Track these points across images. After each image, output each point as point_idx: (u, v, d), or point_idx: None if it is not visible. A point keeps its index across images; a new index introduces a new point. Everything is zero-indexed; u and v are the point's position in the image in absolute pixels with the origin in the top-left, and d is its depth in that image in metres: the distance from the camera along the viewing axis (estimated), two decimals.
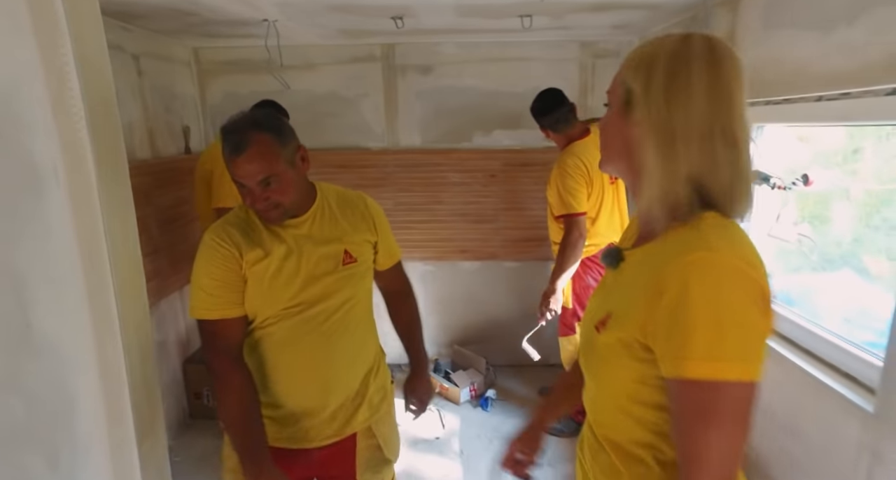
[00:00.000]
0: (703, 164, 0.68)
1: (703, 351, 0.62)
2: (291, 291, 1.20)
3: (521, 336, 3.19)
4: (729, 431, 0.63)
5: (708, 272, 0.63)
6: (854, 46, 1.33)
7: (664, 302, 0.64)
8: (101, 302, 0.89)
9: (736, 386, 0.62)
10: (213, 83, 2.90)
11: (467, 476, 2.29)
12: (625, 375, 0.73)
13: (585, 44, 2.82)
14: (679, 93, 0.68)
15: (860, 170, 1.75)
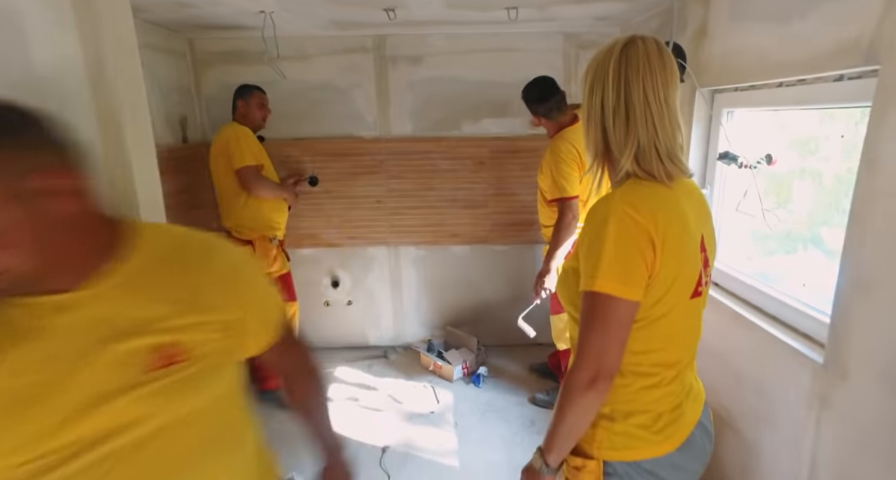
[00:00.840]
0: (610, 139, 0.92)
1: (590, 270, 0.85)
2: (39, 428, 0.64)
3: (512, 316, 3.34)
4: (602, 333, 0.84)
5: (597, 213, 0.88)
6: (806, 37, 1.46)
7: (582, 238, 0.90)
8: None
9: (610, 299, 0.83)
10: (208, 74, 2.97)
11: (462, 445, 2.42)
12: (573, 289, 0.96)
13: (569, 35, 2.94)
14: (596, 90, 0.92)
15: (830, 156, 1.89)
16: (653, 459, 0.93)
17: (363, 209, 3.18)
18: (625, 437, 0.93)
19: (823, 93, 1.49)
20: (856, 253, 1.27)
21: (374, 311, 3.38)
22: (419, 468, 2.27)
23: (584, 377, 0.84)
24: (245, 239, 2.62)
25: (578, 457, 0.95)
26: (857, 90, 1.36)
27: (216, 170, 2.57)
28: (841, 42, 1.32)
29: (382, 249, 3.27)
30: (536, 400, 2.73)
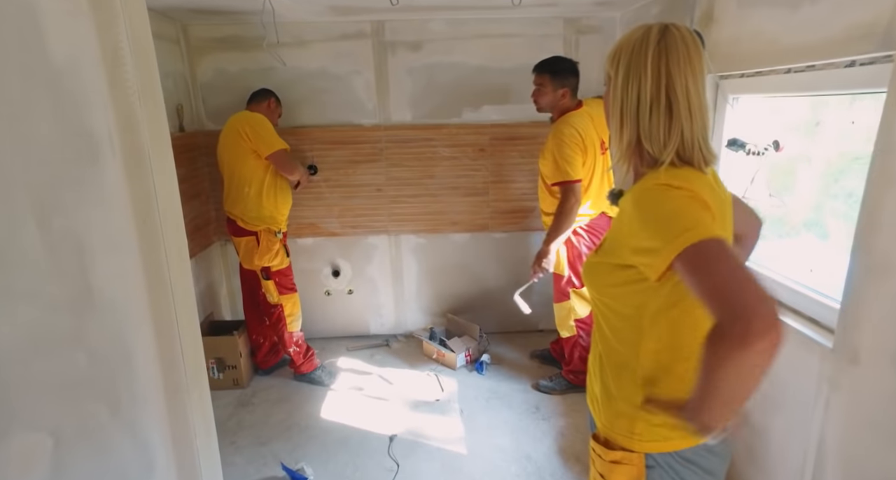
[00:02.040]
0: (643, 131, 0.89)
1: (672, 232, 0.76)
2: None
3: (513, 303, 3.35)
4: (726, 261, 0.73)
5: (645, 193, 0.85)
6: (817, 23, 1.46)
7: (633, 225, 0.84)
8: (155, 263, 0.98)
9: (713, 241, 0.75)
10: (203, 60, 2.90)
11: (469, 433, 2.45)
12: (607, 282, 0.94)
13: (569, 20, 2.91)
14: (631, 80, 0.89)
15: (821, 141, 1.90)
16: (693, 447, 0.92)
17: (363, 197, 3.15)
18: (665, 428, 0.92)
19: (834, 79, 1.49)
20: (868, 238, 1.29)
21: (375, 300, 3.37)
22: (428, 455, 2.30)
23: (737, 330, 0.68)
24: (251, 229, 2.59)
25: (617, 451, 0.95)
26: (869, 76, 1.36)
27: (228, 157, 2.54)
28: (855, 27, 1.32)
29: (383, 238, 3.25)
30: (540, 386, 2.76)
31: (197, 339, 1.12)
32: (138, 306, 1.00)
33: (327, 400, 2.73)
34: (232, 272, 3.23)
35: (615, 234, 0.93)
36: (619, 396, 0.96)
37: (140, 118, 0.90)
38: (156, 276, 0.99)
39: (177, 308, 1.02)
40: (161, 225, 0.96)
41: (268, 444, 2.40)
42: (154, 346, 1.04)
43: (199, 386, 1.13)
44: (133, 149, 0.91)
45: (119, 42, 0.85)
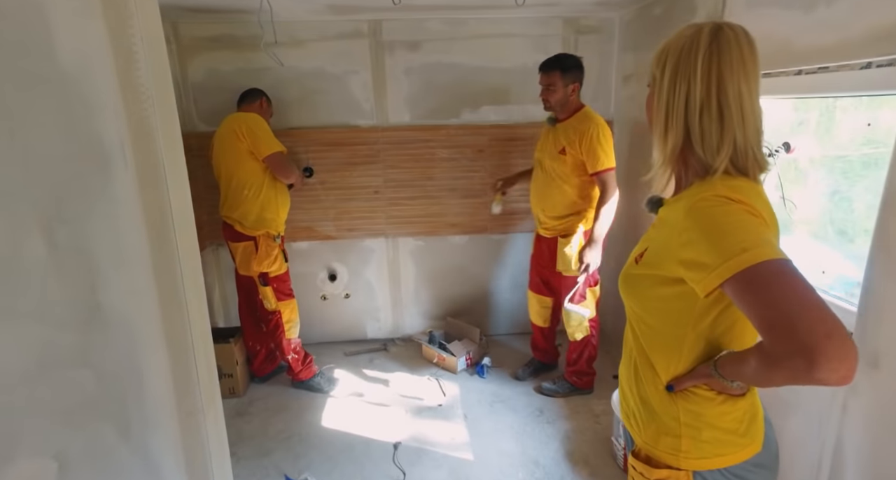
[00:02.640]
0: (694, 136, 0.85)
1: (729, 250, 0.72)
2: None
3: (512, 305, 3.34)
4: (795, 287, 0.68)
5: (701, 203, 0.79)
6: (834, 24, 1.45)
7: (686, 237, 0.79)
8: (169, 280, 0.93)
9: (776, 262, 0.70)
10: (194, 60, 2.81)
11: (473, 438, 2.41)
12: (649, 295, 0.90)
13: (569, 20, 2.89)
14: (679, 83, 0.84)
15: (803, 141, 1.91)
16: (741, 463, 0.90)
17: (360, 200, 3.09)
18: (714, 444, 0.90)
19: (848, 81, 1.48)
20: (887, 241, 1.29)
21: (372, 304, 3.32)
22: (434, 463, 2.26)
23: (798, 365, 0.65)
24: (250, 234, 2.52)
25: (662, 469, 0.92)
26: (887, 77, 1.36)
27: (225, 159, 2.47)
28: (876, 29, 1.31)
29: (380, 241, 3.20)
30: (544, 389, 2.74)
31: (211, 358, 1.07)
32: (151, 324, 0.95)
33: (327, 408, 2.68)
34: (225, 277, 3.15)
35: (660, 245, 0.88)
36: (663, 412, 0.93)
37: (154, 125, 0.84)
38: (170, 293, 0.93)
39: (192, 326, 0.97)
40: (176, 239, 0.91)
41: (269, 455, 2.34)
42: (167, 366, 0.99)
43: (214, 406, 1.07)
44: (147, 159, 0.86)
45: (133, 44, 0.80)
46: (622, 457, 2.14)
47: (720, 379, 0.84)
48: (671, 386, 0.91)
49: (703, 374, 0.87)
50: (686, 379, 0.89)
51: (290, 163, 2.54)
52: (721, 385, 0.87)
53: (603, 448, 2.31)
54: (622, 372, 1.05)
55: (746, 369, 0.78)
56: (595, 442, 2.35)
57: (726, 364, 0.84)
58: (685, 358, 0.89)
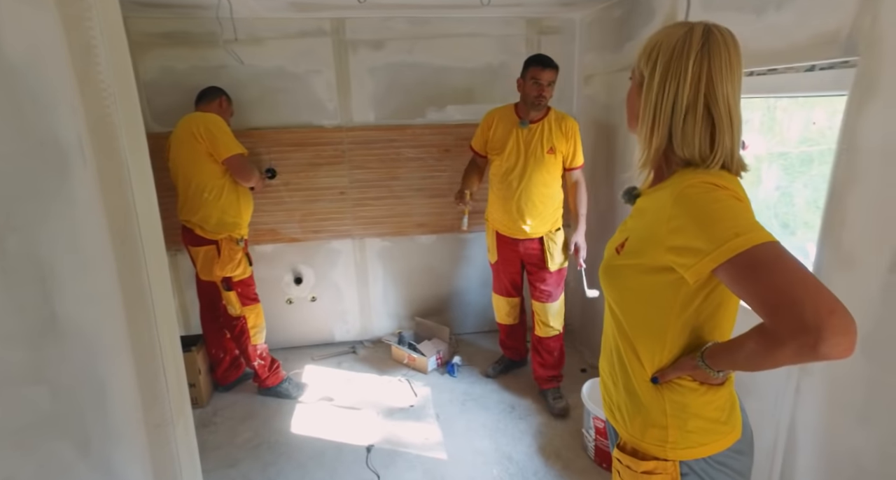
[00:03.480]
0: (676, 138, 0.86)
1: (721, 239, 0.73)
2: None
3: (480, 303, 3.36)
4: (791, 268, 0.69)
5: (688, 190, 0.80)
6: (781, 29, 1.54)
7: (675, 223, 0.80)
8: (135, 285, 0.88)
9: (771, 245, 0.72)
10: (146, 57, 2.68)
11: (447, 437, 2.42)
12: (633, 286, 0.91)
13: (531, 20, 2.93)
14: (672, 82, 0.84)
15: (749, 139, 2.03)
16: (724, 450, 0.92)
17: (326, 201, 3.04)
18: (699, 434, 0.91)
19: (794, 83, 1.57)
20: (835, 232, 1.37)
21: (339, 306, 3.27)
22: (408, 464, 2.24)
23: (806, 341, 0.66)
24: (211, 238, 2.43)
25: (650, 461, 0.92)
26: (829, 80, 1.45)
27: (182, 161, 2.37)
28: (819, 34, 1.40)
29: (347, 242, 3.15)
30: (489, 373, 2.88)
31: (180, 366, 1.02)
32: (114, 333, 0.90)
33: (296, 414, 2.62)
34: (185, 284, 3.03)
35: (644, 234, 0.88)
36: (650, 404, 0.93)
37: (116, 123, 0.80)
38: (136, 299, 0.89)
39: (160, 333, 0.92)
40: (142, 242, 0.86)
41: (236, 466, 2.26)
42: (133, 376, 0.94)
43: (183, 416, 1.03)
44: (109, 158, 0.81)
45: (91, 38, 0.75)
46: (593, 449, 2.19)
47: (707, 369, 0.85)
48: (656, 378, 0.91)
49: (689, 366, 0.88)
50: (670, 370, 0.90)
51: (251, 166, 2.46)
52: (705, 375, 0.88)
53: (574, 441, 2.36)
54: (604, 366, 1.06)
55: (741, 355, 0.79)
56: (566, 436, 2.40)
57: (714, 354, 0.84)
58: (669, 348, 0.90)
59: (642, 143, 0.90)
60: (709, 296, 0.85)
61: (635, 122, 0.93)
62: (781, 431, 1.60)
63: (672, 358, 0.90)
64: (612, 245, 0.98)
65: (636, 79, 0.91)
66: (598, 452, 2.17)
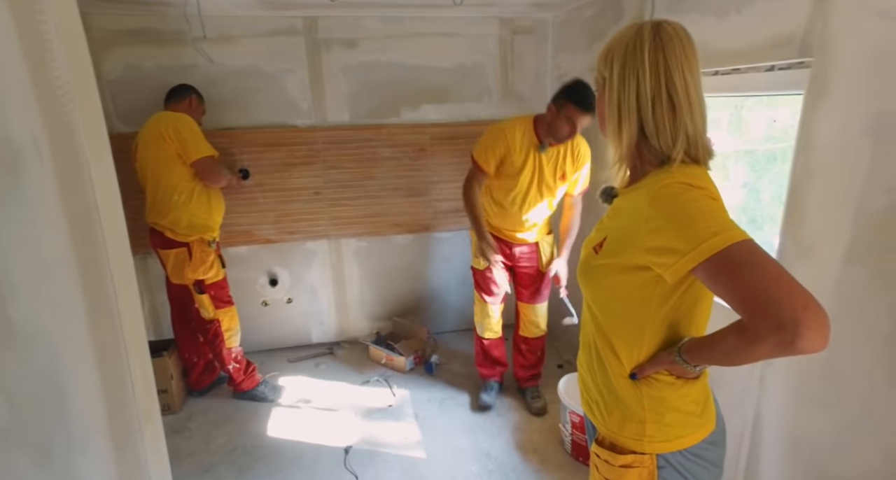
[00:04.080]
0: (648, 128, 0.87)
1: (699, 239, 0.75)
2: None
3: (458, 302, 3.37)
4: (767, 265, 0.71)
5: (664, 190, 0.81)
6: (742, 31, 1.59)
7: (652, 224, 0.81)
8: (98, 289, 0.86)
9: (747, 242, 0.73)
10: (109, 55, 2.61)
11: (425, 436, 2.42)
12: (611, 284, 0.92)
13: (504, 20, 2.96)
14: (629, 78, 0.86)
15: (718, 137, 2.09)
16: (699, 443, 0.93)
17: (301, 202, 3.01)
18: (675, 427, 0.92)
19: (756, 82, 1.63)
20: (795, 225, 1.43)
21: (316, 307, 3.24)
22: (387, 464, 2.24)
23: (784, 337, 0.68)
24: (182, 241, 2.38)
25: (627, 455, 0.93)
26: (787, 79, 1.51)
27: (151, 162, 2.30)
28: (777, 36, 1.45)
29: (323, 242, 3.12)
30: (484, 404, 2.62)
31: (148, 371, 1.00)
32: (76, 339, 0.87)
33: (273, 417, 2.58)
34: (155, 288, 2.96)
35: (622, 234, 0.89)
36: (629, 399, 0.94)
37: (75, 121, 0.77)
38: (100, 303, 0.86)
39: (125, 337, 0.90)
40: (105, 244, 0.84)
41: (211, 471, 2.22)
42: (97, 381, 0.91)
43: (152, 422, 1.01)
44: (68, 159, 0.79)
45: (45, 32, 0.73)
46: (570, 443, 2.23)
47: (684, 364, 0.87)
48: (634, 374, 0.92)
49: (666, 361, 0.89)
50: (648, 366, 0.91)
51: (220, 168, 2.39)
52: (682, 370, 0.89)
53: (551, 436, 2.39)
54: (582, 363, 1.06)
55: (718, 350, 0.80)
56: (544, 431, 2.43)
57: (691, 349, 0.86)
58: (647, 344, 0.91)
59: (613, 141, 0.91)
60: (685, 293, 0.87)
61: (604, 124, 0.94)
62: (748, 420, 1.65)
63: (649, 353, 0.92)
64: (589, 244, 0.99)
65: (599, 83, 0.94)
66: (575, 446, 2.21)
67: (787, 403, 1.50)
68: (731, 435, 1.72)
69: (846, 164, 1.26)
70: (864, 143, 1.21)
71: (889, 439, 1.22)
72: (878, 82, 1.18)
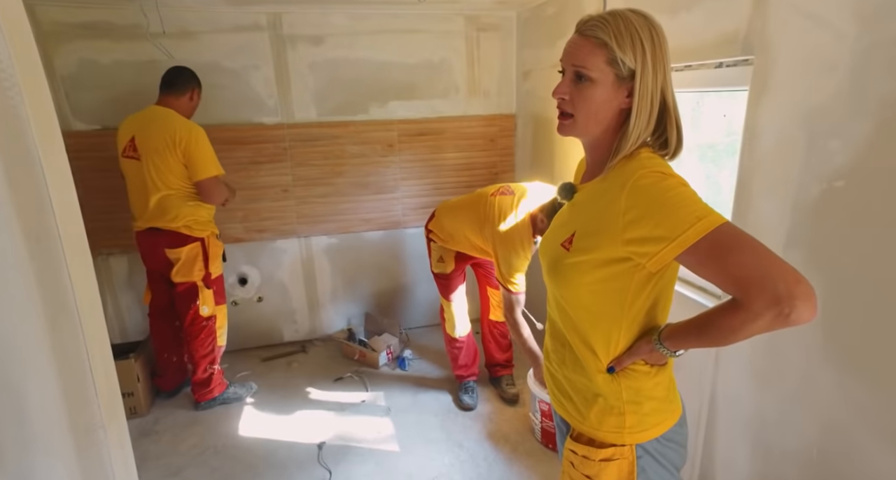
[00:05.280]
0: (653, 122, 0.87)
1: (683, 225, 0.76)
2: None
3: (429, 297, 3.39)
4: (754, 245, 0.74)
5: (645, 182, 0.81)
6: (693, 29, 1.66)
7: (631, 215, 0.81)
8: (55, 286, 0.85)
9: (724, 228, 0.75)
10: (62, 49, 2.52)
11: (398, 429, 2.44)
12: (588, 280, 0.90)
13: (470, 17, 2.99)
14: (659, 69, 0.85)
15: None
16: (672, 427, 0.94)
17: (269, 200, 2.98)
18: (652, 415, 0.92)
19: (706, 78, 1.70)
20: (743, 213, 1.51)
21: (287, 306, 3.22)
22: (360, 458, 2.26)
23: (781, 311, 0.71)
24: (197, 236, 2.41)
25: (607, 449, 0.93)
26: (733, 76, 1.58)
27: (159, 167, 2.27)
28: (722, 34, 1.52)
29: (293, 241, 3.10)
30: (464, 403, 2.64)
31: (110, 368, 0.99)
32: (32, 337, 0.86)
33: (244, 417, 2.57)
34: (119, 289, 2.89)
35: (594, 228, 0.87)
36: (608, 393, 0.93)
37: (24, 116, 0.76)
38: (56, 301, 0.86)
39: (85, 334, 0.90)
40: (61, 240, 0.83)
41: (180, 473, 2.20)
42: (56, 381, 0.90)
43: (116, 420, 1.00)
44: (17, 155, 0.78)
45: None
46: (540, 431, 2.29)
47: (664, 351, 0.88)
48: (612, 367, 0.92)
49: (644, 350, 0.90)
50: (625, 357, 0.91)
51: (222, 188, 2.38)
52: (658, 357, 0.90)
53: (522, 424, 2.45)
54: (552, 360, 1.04)
55: (708, 333, 0.81)
56: (514, 420, 2.49)
57: (674, 335, 0.87)
58: (625, 336, 0.91)
59: (625, 139, 0.87)
60: (658, 281, 0.88)
61: (606, 122, 0.89)
62: (705, 399, 1.74)
63: (627, 345, 0.92)
64: (553, 242, 0.96)
65: (612, 72, 0.85)
66: (545, 433, 2.27)
67: (740, 380, 1.58)
68: (690, 414, 1.80)
69: (785, 157, 1.34)
70: (800, 137, 1.29)
71: (825, 411, 1.31)
72: (808, 80, 1.26)
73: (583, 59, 0.86)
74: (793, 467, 1.42)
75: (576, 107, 0.89)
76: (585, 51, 0.86)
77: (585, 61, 0.85)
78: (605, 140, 0.91)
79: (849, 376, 1.25)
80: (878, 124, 1.12)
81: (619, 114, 0.88)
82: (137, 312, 2.96)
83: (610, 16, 0.85)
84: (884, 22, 1.09)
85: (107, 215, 2.71)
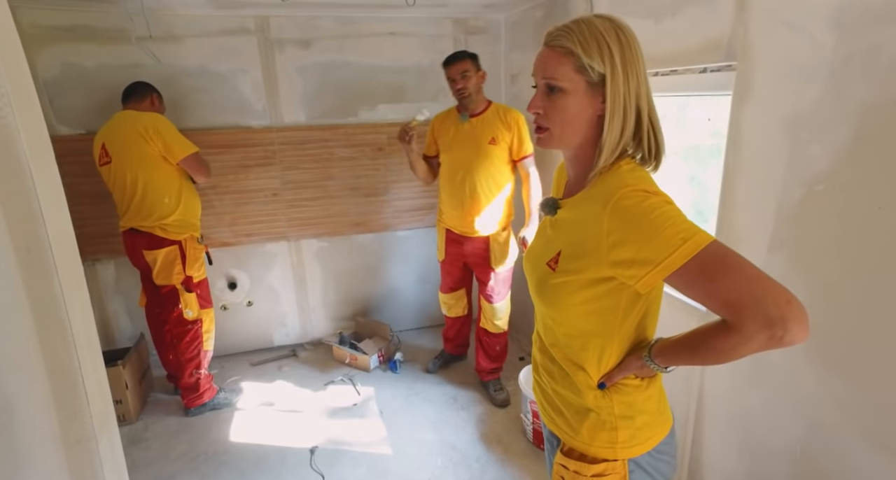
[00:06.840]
0: (630, 129, 0.85)
1: (670, 246, 0.73)
2: None
3: (420, 299, 3.40)
4: (743, 266, 0.72)
5: (627, 203, 0.78)
6: (677, 34, 1.69)
7: (615, 237, 0.78)
8: (45, 296, 0.85)
9: (717, 243, 0.73)
10: (44, 53, 2.49)
11: (391, 432, 2.45)
12: (575, 301, 0.88)
13: (458, 21, 3.00)
14: (631, 74, 0.82)
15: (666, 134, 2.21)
16: (663, 439, 0.93)
17: (258, 203, 2.96)
18: (644, 429, 0.92)
19: (691, 83, 1.74)
20: (728, 215, 1.54)
21: (277, 310, 3.20)
22: (353, 462, 2.26)
23: (774, 333, 0.69)
24: (173, 239, 2.36)
25: (598, 464, 0.91)
26: (717, 81, 1.61)
27: (132, 163, 2.25)
28: (707, 40, 1.55)
29: (282, 244, 3.09)
30: (429, 368, 2.94)
31: (102, 377, 0.99)
32: (22, 347, 0.86)
33: (235, 422, 2.55)
34: (106, 296, 2.86)
35: (579, 249, 0.85)
36: (599, 409, 0.92)
37: (14, 125, 0.76)
38: (47, 311, 0.85)
39: (77, 344, 0.89)
40: (52, 249, 0.83)
41: None
42: (46, 392, 0.90)
43: (108, 430, 0.99)
44: (8, 164, 0.77)
45: None
46: (531, 432, 2.31)
47: (655, 367, 0.86)
48: (603, 383, 0.91)
49: (634, 366, 0.88)
50: (616, 373, 0.90)
51: (205, 161, 2.41)
52: (648, 371, 0.89)
53: (514, 425, 2.46)
54: (541, 375, 1.03)
55: (700, 353, 0.80)
56: (506, 421, 2.50)
57: (665, 352, 0.85)
58: (616, 352, 0.90)
59: (605, 148, 0.84)
60: (648, 294, 0.87)
61: (583, 131, 0.86)
62: (692, 401, 1.77)
63: (618, 360, 0.91)
64: (538, 259, 0.94)
65: (583, 80, 0.83)
66: (536, 434, 2.29)
67: (726, 382, 1.61)
68: (678, 417, 1.83)
69: (768, 160, 1.37)
70: (782, 142, 1.33)
71: (808, 409, 1.34)
72: (789, 86, 1.29)
73: (552, 71, 0.84)
74: (779, 465, 1.45)
75: (550, 119, 0.87)
76: (553, 62, 0.84)
77: (555, 72, 0.84)
78: (585, 152, 0.88)
79: (832, 376, 1.28)
80: (857, 130, 1.15)
81: (597, 122, 0.86)
82: (125, 318, 2.93)
83: (574, 24, 0.83)
84: (860, 32, 1.12)
85: (93, 220, 2.68)
